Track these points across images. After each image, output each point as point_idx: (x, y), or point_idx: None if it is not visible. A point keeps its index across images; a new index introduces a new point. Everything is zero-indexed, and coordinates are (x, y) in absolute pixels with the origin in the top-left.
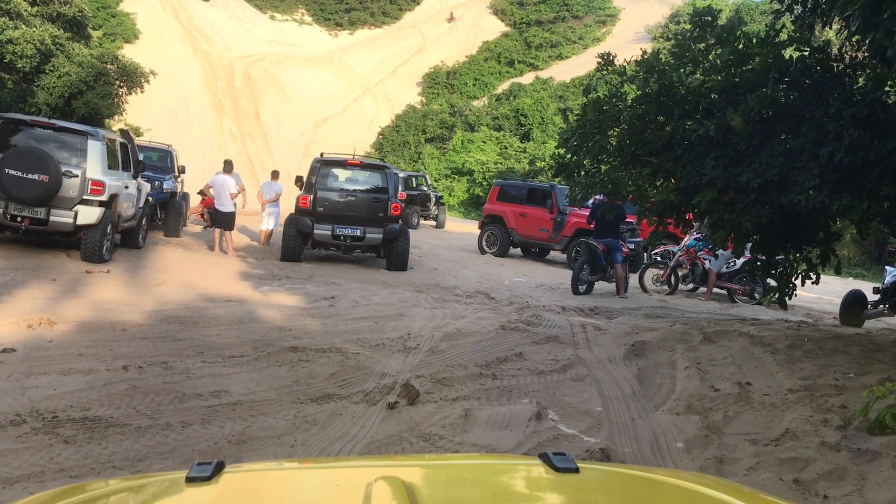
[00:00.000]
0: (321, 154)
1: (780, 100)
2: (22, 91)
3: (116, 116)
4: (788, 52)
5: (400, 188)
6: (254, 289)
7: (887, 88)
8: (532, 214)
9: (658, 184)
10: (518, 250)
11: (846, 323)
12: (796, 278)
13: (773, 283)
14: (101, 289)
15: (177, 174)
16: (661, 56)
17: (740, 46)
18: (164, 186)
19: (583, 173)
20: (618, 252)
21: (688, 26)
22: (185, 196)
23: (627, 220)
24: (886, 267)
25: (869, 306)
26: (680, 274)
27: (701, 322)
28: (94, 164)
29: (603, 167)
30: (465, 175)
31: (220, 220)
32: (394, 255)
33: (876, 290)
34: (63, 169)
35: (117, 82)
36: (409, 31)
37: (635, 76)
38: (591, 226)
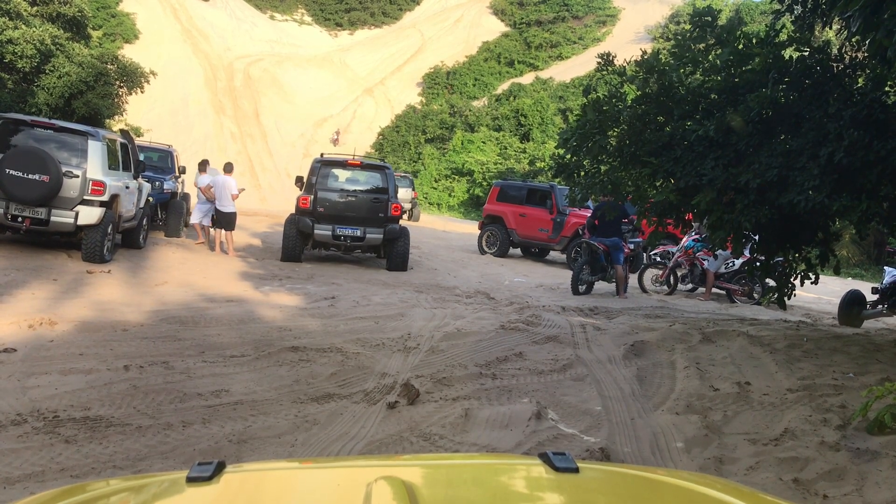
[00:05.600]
0: (321, 154)
1: (780, 100)
2: (22, 91)
3: (117, 117)
4: (788, 53)
5: None
6: (254, 289)
7: (887, 89)
8: (532, 215)
9: (658, 184)
10: (518, 250)
11: (845, 323)
12: (795, 278)
13: (772, 283)
14: (101, 289)
15: (177, 174)
16: (660, 56)
17: (740, 47)
18: (165, 187)
19: (582, 174)
20: (620, 252)
21: (688, 26)
22: (186, 196)
23: (624, 221)
24: (885, 267)
25: (868, 306)
26: (679, 274)
27: (700, 322)
28: (94, 164)
29: (602, 167)
30: (465, 175)
31: (221, 221)
32: (394, 255)
33: (875, 291)
34: (64, 169)
35: (117, 82)
36: (409, 31)
37: (635, 76)
38: (587, 232)
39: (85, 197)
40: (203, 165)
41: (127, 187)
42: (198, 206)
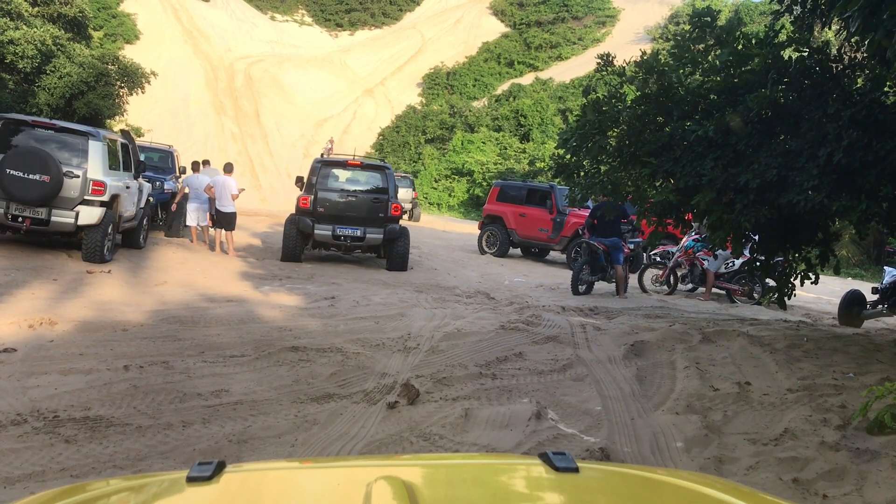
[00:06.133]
0: (321, 154)
1: (779, 100)
2: (23, 92)
3: (117, 117)
4: (787, 53)
5: None
6: (254, 289)
7: (886, 89)
8: (532, 215)
9: (657, 184)
10: (518, 250)
11: (845, 323)
12: (795, 278)
13: (772, 283)
14: (101, 289)
15: (178, 175)
16: (660, 57)
17: (739, 47)
18: (165, 187)
19: (582, 174)
20: (620, 252)
21: (687, 27)
22: (186, 196)
23: (623, 221)
24: (885, 267)
25: (868, 306)
26: (679, 274)
27: (700, 322)
28: (95, 164)
29: (602, 168)
30: (465, 175)
31: (222, 220)
32: (394, 255)
33: (875, 290)
34: (64, 169)
35: (118, 83)
36: (409, 31)
37: (635, 77)
38: (587, 232)
39: (85, 197)
40: (195, 166)
41: (127, 187)
42: (189, 207)
